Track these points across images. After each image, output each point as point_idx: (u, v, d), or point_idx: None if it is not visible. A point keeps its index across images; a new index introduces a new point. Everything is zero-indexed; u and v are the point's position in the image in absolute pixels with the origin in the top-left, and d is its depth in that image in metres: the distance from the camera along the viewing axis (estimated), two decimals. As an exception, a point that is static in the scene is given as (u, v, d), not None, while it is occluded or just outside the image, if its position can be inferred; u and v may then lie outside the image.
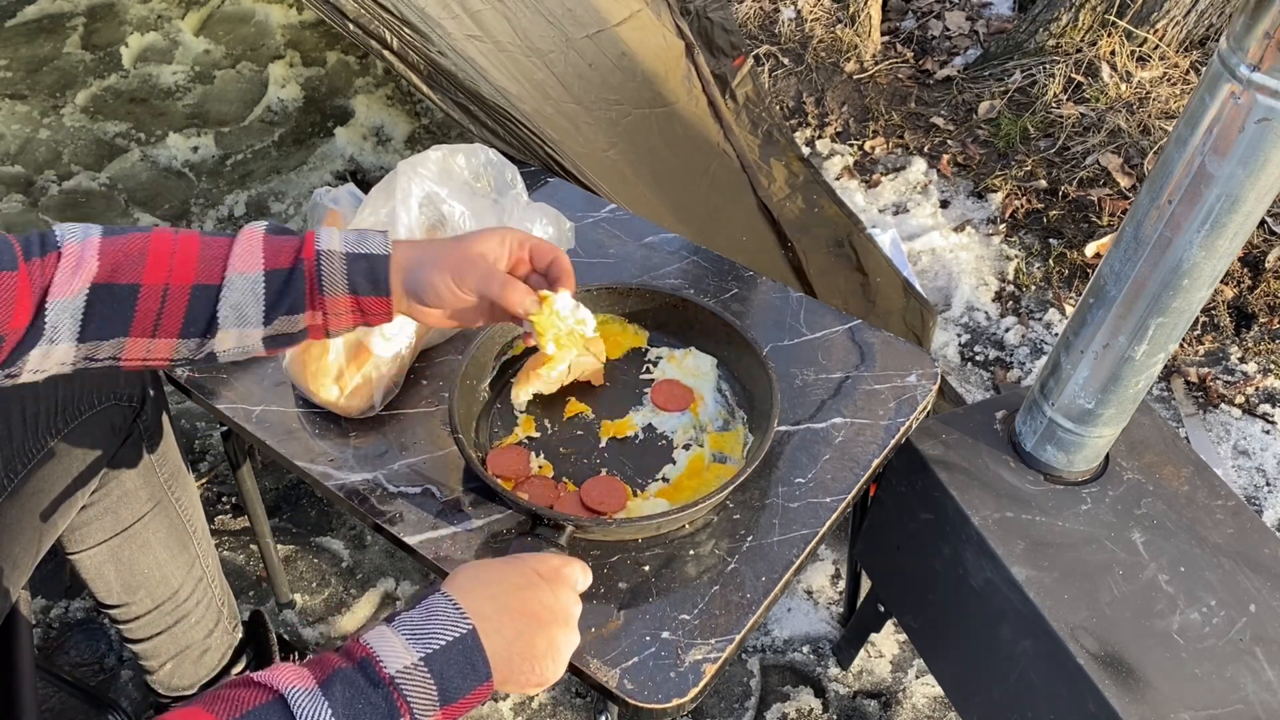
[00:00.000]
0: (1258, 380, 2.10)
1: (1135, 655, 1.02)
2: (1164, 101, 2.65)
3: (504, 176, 1.26)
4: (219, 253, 0.87)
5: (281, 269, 0.88)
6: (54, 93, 2.87)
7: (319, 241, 0.89)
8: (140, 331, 0.86)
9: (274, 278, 0.88)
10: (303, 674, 0.66)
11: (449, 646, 0.70)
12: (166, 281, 0.85)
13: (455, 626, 0.71)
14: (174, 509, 1.25)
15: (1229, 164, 0.86)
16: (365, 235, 0.91)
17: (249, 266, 0.87)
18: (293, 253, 0.88)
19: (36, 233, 0.85)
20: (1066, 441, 1.14)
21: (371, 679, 0.66)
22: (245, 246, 0.88)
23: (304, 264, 0.88)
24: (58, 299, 0.83)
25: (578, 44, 1.78)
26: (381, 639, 0.69)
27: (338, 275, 0.89)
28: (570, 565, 0.83)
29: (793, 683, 1.61)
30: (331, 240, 0.90)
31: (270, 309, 0.88)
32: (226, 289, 0.87)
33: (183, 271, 0.86)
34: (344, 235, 0.91)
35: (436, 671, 0.68)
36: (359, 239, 0.91)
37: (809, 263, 1.91)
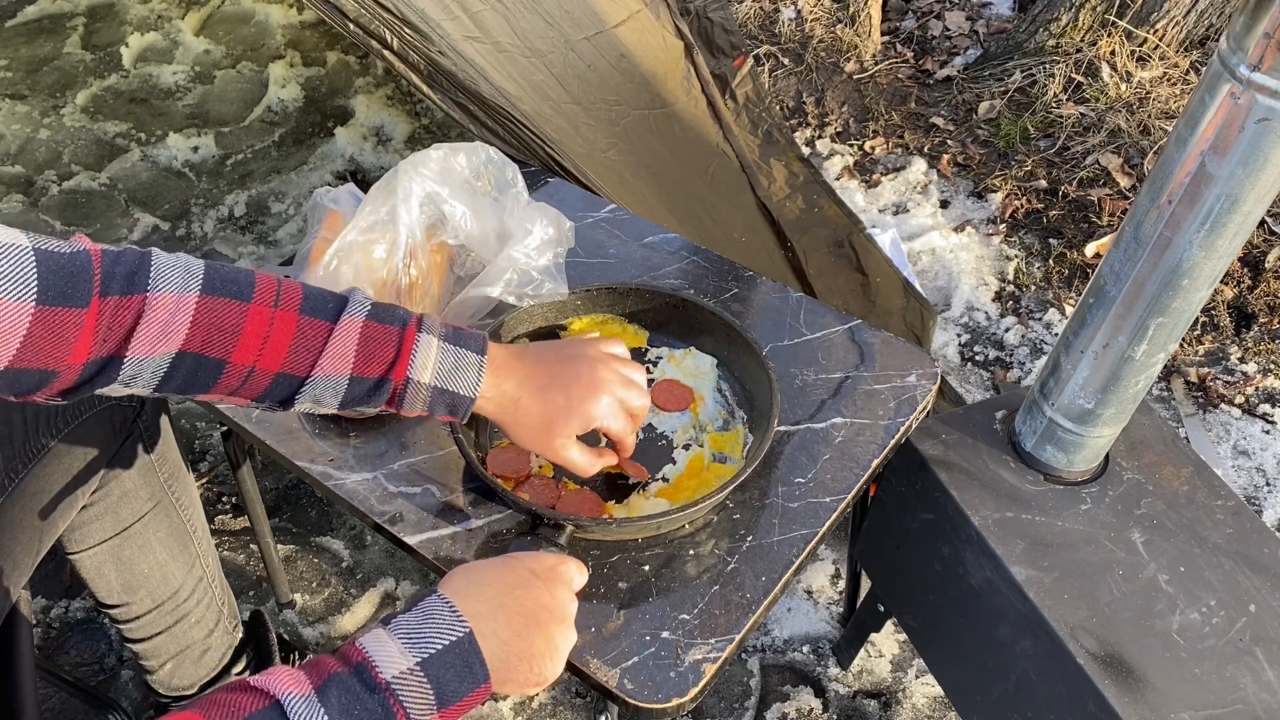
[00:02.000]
0: (1258, 380, 2.10)
1: (1135, 655, 1.02)
2: (1164, 101, 2.65)
3: (505, 175, 1.26)
4: (313, 344, 0.84)
5: (368, 378, 0.86)
6: (54, 93, 2.87)
7: (412, 365, 0.86)
8: (218, 393, 0.85)
9: (358, 384, 0.86)
10: (299, 679, 0.66)
11: (445, 650, 0.70)
12: (254, 364, 0.83)
13: (451, 630, 0.71)
14: (174, 509, 1.25)
15: (1229, 164, 0.86)
16: (461, 363, 0.88)
17: (337, 370, 0.85)
18: (384, 365, 0.86)
19: (129, 258, 0.78)
20: (1066, 441, 1.14)
21: (367, 684, 0.66)
22: (339, 346, 0.85)
23: (390, 383, 0.87)
24: (139, 356, 0.78)
25: (576, 45, 1.78)
26: (377, 643, 0.69)
27: (419, 402, 0.89)
28: (566, 563, 0.83)
29: (793, 683, 1.61)
30: (425, 364, 0.87)
31: (346, 403, 0.88)
32: (309, 385, 0.85)
33: (272, 357, 0.83)
34: (440, 356, 0.88)
35: (433, 676, 0.68)
36: (454, 368, 0.88)
37: (809, 263, 1.91)
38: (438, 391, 0.88)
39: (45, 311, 0.72)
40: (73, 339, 0.74)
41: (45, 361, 0.74)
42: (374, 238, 1.14)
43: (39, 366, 0.74)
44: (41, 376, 0.75)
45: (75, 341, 0.75)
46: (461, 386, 0.89)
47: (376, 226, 1.15)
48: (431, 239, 1.18)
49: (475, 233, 1.19)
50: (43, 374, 0.75)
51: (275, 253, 2.39)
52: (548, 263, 1.21)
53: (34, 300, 0.72)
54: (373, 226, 1.14)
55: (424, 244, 1.16)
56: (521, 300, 1.18)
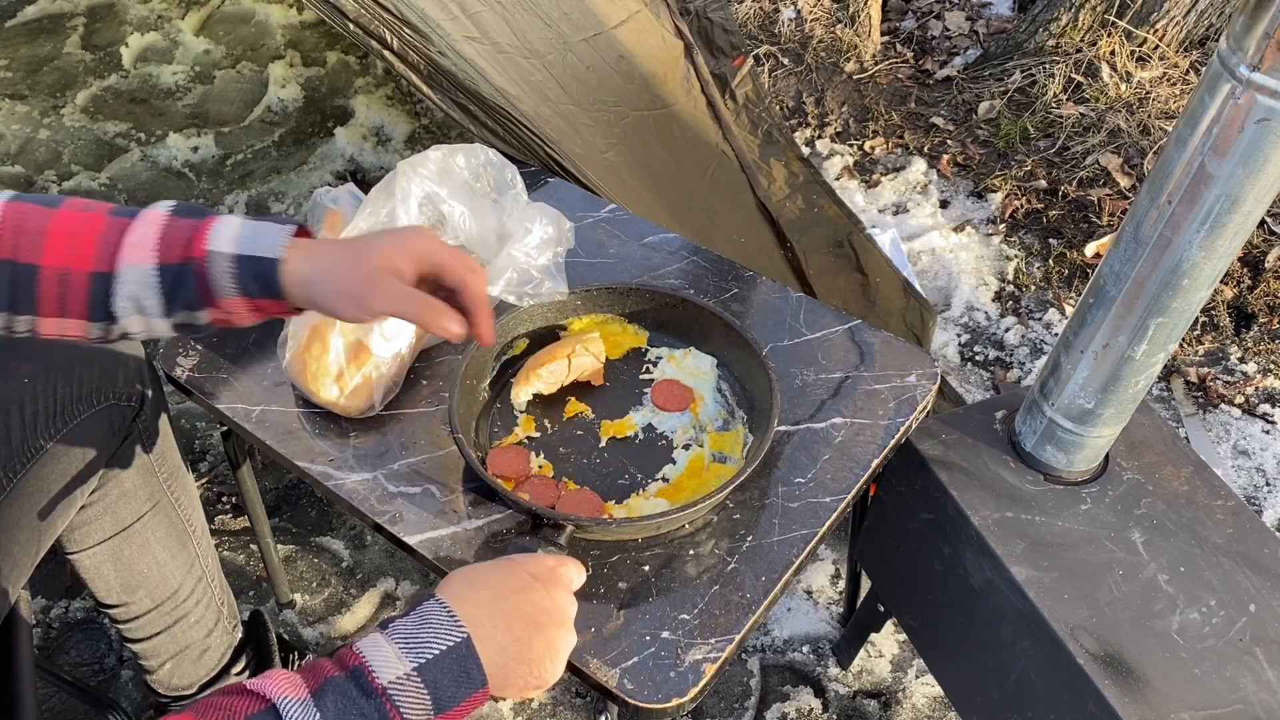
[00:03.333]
0: (1257, 380, 2.10)
1: (1135, 655, 1.02)
2: (1164, 101, 2.65)
3: (504, 176, 1.26)
4: (115, 238, 0.83)
5: (172, 264, 0.83)
6: (54, 93, 2.87)
7: (210, 239, 0.84)
8: (48, 312, 0.84)
9: (166, 273, 0.83)
10: (295, 683, 0.66)
11: (443, 655, 0.69)
12: (65, 265, 0.82)
13: (449, 635, 0.70)
14: (173, 508, 1.25)
15: (1229, 164, 0.86)
16: (262, 230, 0.85)
17: (140, 258, 0.83)
18: (183, 246, 0.83)
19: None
20: (1066, 441, 1.14)
21: (364, 689, 0.66)
22: (140, 234, 0.83)
23: (193, 263, 0.83)
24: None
25: (575, 47, 1.78)
26: (374, 648, 0.69)
27: (225, 278, 0.84)
28: (565, 565, 0.82)
29: (793, 683, 1.61)
30: (224, 237, 0.84)
31: (168, 303, 0.84)
32: (119, 280, 0.83)
33: (80, 256, 0.82)
34: (242, 229, 0.85)
35: (430, 681, 0.68)
36: (255, 235, 0.84)
37: (809, 263, 1.91)
38: (240, 260, 0.83)
39: None
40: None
41: None
42: (374, 238, 1.14)
43: None
44: None
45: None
46: (263, 248, 0.84)
47: (376, 228, 1.15)
48: (431, 239, 1.18)
49: (475, 233, 1.19)
50: None
51: (275, 253, 2.39)
52: (547, 262, 1.21)
53: None
54: (372, 228, 1.15)
55: (424, 244, 1.16)
56: (521, 300, 1.18)
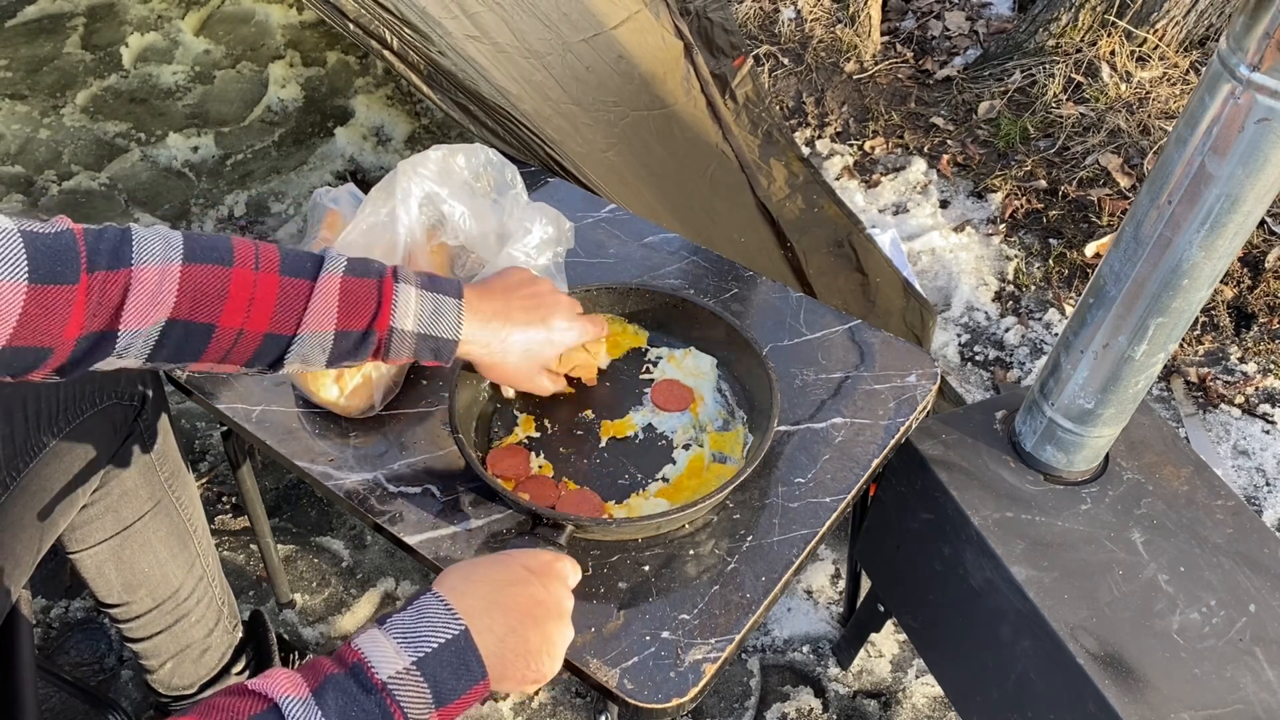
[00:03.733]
0: (1258, 380, 2.10)
1: (1135, 655, 1.02)
2: (1164, 101, 2.65)
3: (504, 176, 1.26)
4: (296, 303, 0.87)
5: (353, 331, 0.89)
6: (54, 93, 2.87)
7: (394, 315, 0.91)
8: (209, 359, 0.87)
9: (344, 338, 0.89)
10: (296, 682, 0.66)
11: (441, 649, 0.70)
12: (242, 326, 0.86)
13: (447, 628, 0.71)
14: (174, 508, 1.26)
15: (1229, 164, 0.86)
16: (441, 307, 0.93)
17: (322, 325, 0.88)
18: (367, 317, 0.89)
19: (111, 235, 0.81)
20: (1066, 441, 1.14)
21: (364, 685, 0.66)
22: (322, 302, 0.88)
23: (375, 334, 0.90)
24: (131, 329, 0.81)
25: (575, 47, 1.78)
26: (373, 643, 0.69)
27: (405, 349, 0.93)
28: (561, 560, 0.84)
29: (793, 683, 1.61)
30: (407, 313, 0.91)
31: (334, 358, 0.91)
32: (297, 343, 0.88)
33: (259, 319, 0.86)
34: (422, 305, 0.92)
35: (430, 675, 0.68)
36: (435, 313, 0.93)
37: (809, 263, 1.91)
38: (421, 337, 0.92)
39: (37, 290, 0.75)
40: (65, 315, 0.77)
41: (40, 339, 0.76)
42: (373, 239, 1.14)
43: (34, 345, 0.77)
44: (37, 355, 0.78)
45: (68, 318, 0.77)
46: (444, 330, 0.93)
47: (376, 228, 1.15)
48: (431, 240, 1.18)
49: (475, 233, 1.19)
50: (38, 352, 0.77)
51: (275, 253, 2.39)
52: (547, 262, 1.21)
53: (25, 279, 0.74)
54: (372, 228, 1.14)
55: (423, 245, 1.16)
56: (521, 300, 1.18)
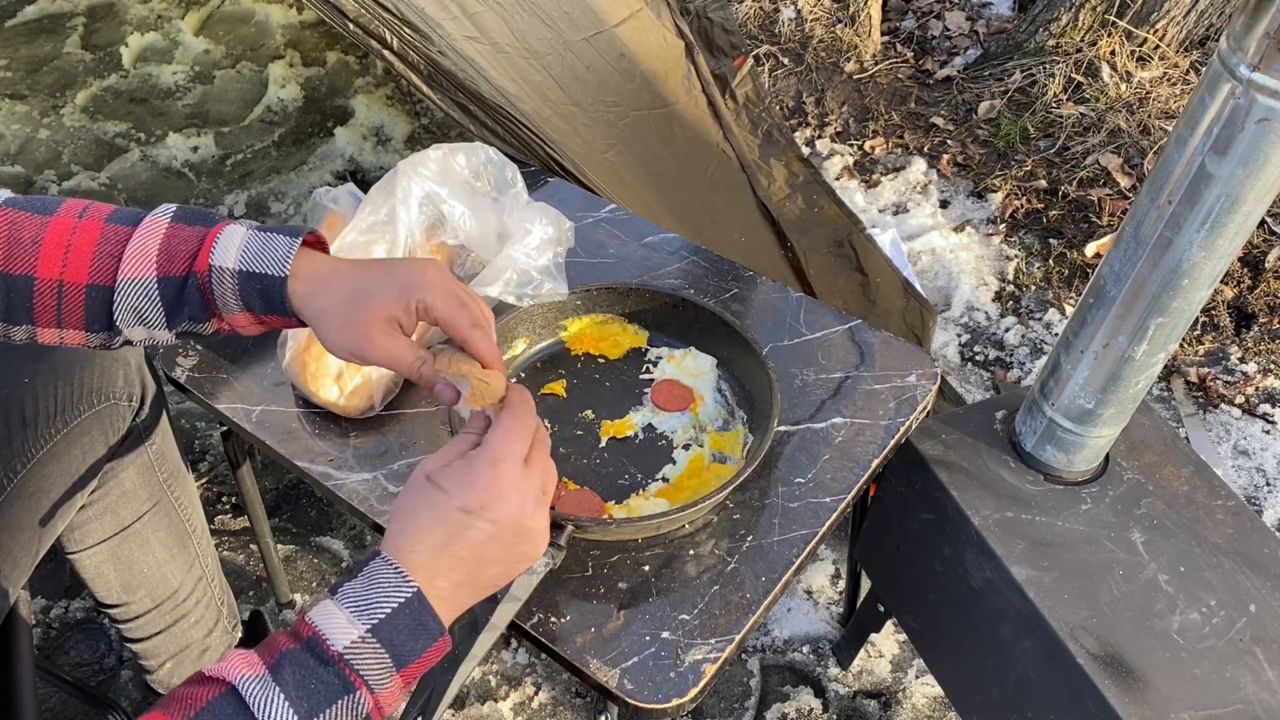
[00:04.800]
0: (1258, 380, 2.10)
1: (1135, 655, 1.02)
2: (1164, 101, 2.65)
3: (504, 175, 1.26)
4: (115, 249, 0.80)
5: (175, 276, 0.80)
6: (54, 93, 2.87)
7: (215, 252, 0.80)
8: (45, 323, 0.81)
9: (167, 285, 0.80)
10: (251, 660, 0.65)
11: (395, 613, 0.68)
12: (60, 277, 0.79)
13: (399, 591, 0.69)
14: (173, 508, 1.25)
15: (1229, 164, 0.86)
16: (269, 244, 0.81)
17: (140, 271, 0.79)
18: (187, 259, 0.80)
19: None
20: (1066, 441, 1.14)
21: (320, 658, 0.65)
22: (139, 245, 0.80)
23: (196, 277, 0.80)
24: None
25: (575, 46, 1.78)
26: (325, 615, 0.68)
27: (230, 295, 0.81)
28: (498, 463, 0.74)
29: (793, 683, 1.61)
30: (228, 250, 0.80)
31: (171, 316, 0.82)
32: (119, 293, 0.80)
33: (77, 268, 0.79)
34: (247, 242, 0.81)
35: (386, 640, 0.67)
36: (261, 249, 0.81)
37: (809, 263, 1.91)
38: (244, 276, 0.80)
39: None
40: None
41: None
42: (373, 238, 1.14)
43: None
44: None
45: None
46: (269, 265, 0.80)
47: (376, 227, 1.15)
48: (431, 239, 1.18)
49: (475, 233, 1.19)
50: None
51: (275, 253, 2.39)
52: (547, 262, 1.21)
53: None
54: (372, 227, 1.14)
55: (423, 244, 1.16)
56: (521, 300, 1.18)
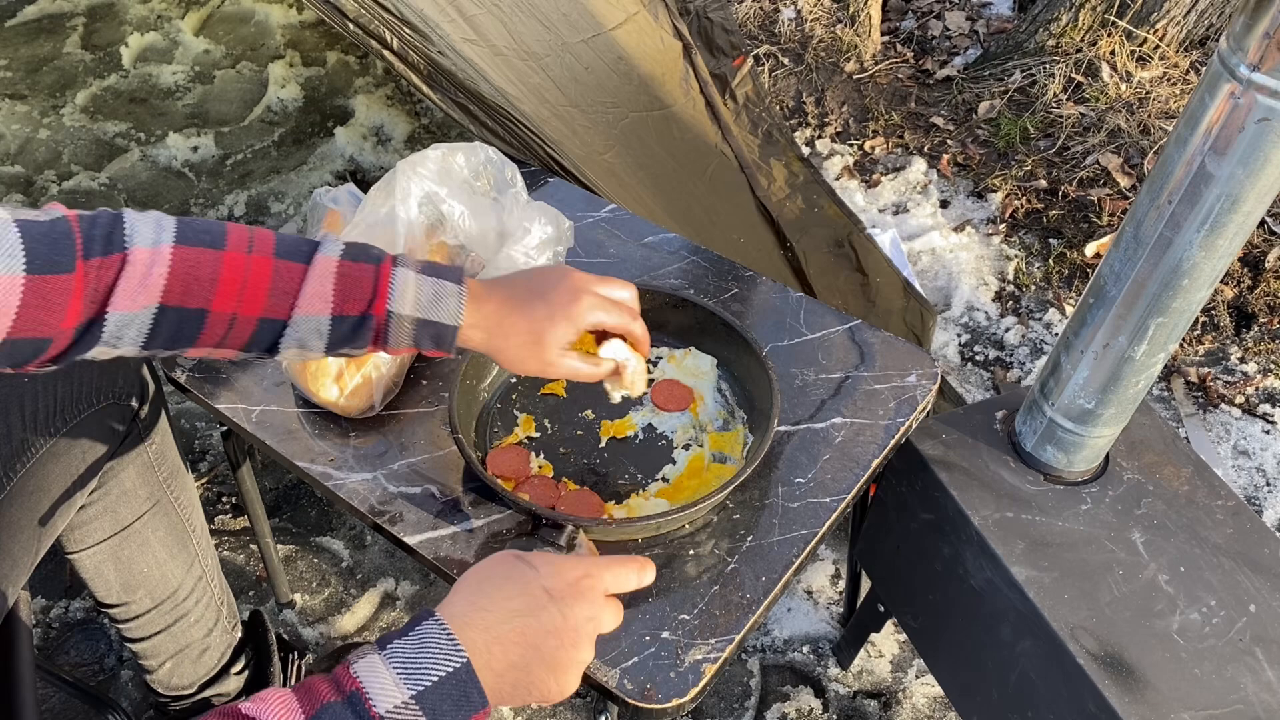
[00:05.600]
0: (1258, 380, 2.10)
1: (1135, 655, 1.02)
2: (1164, 101, 2.65)
3: (504, 175, 1.26)
4: (290, 287, 0.84)
5: (349, 316, 0.86)
6: (54, 93, 2.87)
7: (391, 297, 0.86)
8: (205, 344, 0.85)
9: (340, 323, 0.86)
10: (291, 705, 0.64)
11: (442, 681, 0.67)
12: (235, 311, 0.83)
13: (449, 660, 0.68)
14: (173, 508, 1.25)
15: (1229, 164, 0.86)
16: (441, 290, 0.88)
17: (317, 309, 0.85)
18: (364, 302, 0.86)
19: (104, 219, 0.79)
20: (1066, 441, 1.14)
21: (361, 716, 0.64)
22: (317, 286, 0.85)
23: (372, 319, 0.87)
24: (120, 311, 0.79)
25: (573, 48, 1.78)
26: (372, 672, 0.67)
27: (404, 335, 0.88)
28: (591, 577, 0.75)
29: (793, 683, 1.61)
30: (404, 297, 0.87)
31: (333, 345, 0.88)
32: (292, 327, 0.85)
33: (251, 303, 0.84)
34: (420, 290, 0.87)
35: (429, 708, 0.66)
36: (434, 296, 0.88)
37: (809, 263, 1.91)
38: (421, 323, 0.88)
39: (35, 281, 0.74)
40: (63, 305, 0.76)
41: (40, 330, 0.76)
42: (373, 238, 1.14)
43: (34, 336, 0.76)
44: (37, 345, 0.77)
45: (66, 307, 0.76)
46: (444, 315, 0.88)
47: (376, 227, 1.15)
48: (431, 239, 1.18)
49: (474, 232, 1.19)
50: (38, 343, 0.77)
51: (275, 253, 2.39)
52: (547, 261, 1.21)
53: (23, 271, 0.73)
54: (372, 227, 1.14)
55: (423, 244, 1.16)
56: (521, 300, 1.18)
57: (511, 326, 0.91)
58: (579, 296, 0.92)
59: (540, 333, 0.91)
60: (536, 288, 0.93)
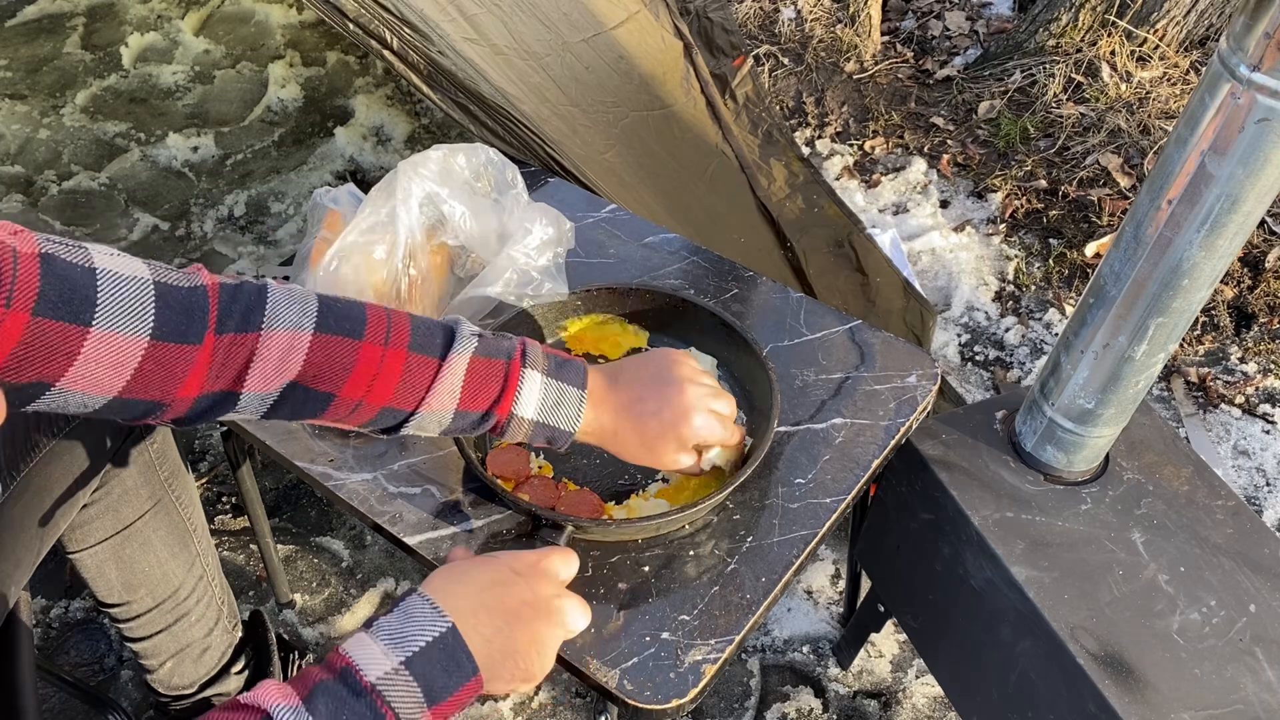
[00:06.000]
0: (1258, 380, 2.10)
1: (1135, 655, 1.02)
2: (1164, 101, 2.65)
3: (504, 176, 1.26)
4: (421, 382, 0.86)
5: (473, 412, 0.89)
6: (54, 93, 2.87)
7: (517, 401, 0.89)
8: (326, 419, 0.87)
9: (463, 417, 0.89)
10: (286, 692, 0.66)
11: (429, 647, 0.70)
12: (362, 399, 0.84)
13: (434, 626, 0.71)
14: (174, 507, 1.26)
15: (1229, 164, 0.86)
16: (564, 396, 0.91)
17: (443, 405, 0.87)
18: (489, 401, 0.88)
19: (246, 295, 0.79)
20: (1066, 441, 1.14)
21: (353, 689, 0.66)
22: (447, 384, 0.86)
23: (494, 417, 0.89)
24: (254, 392, 0.80)
25: (574, 48, 1.78)
26: (360, 647, 0.69)
27: (521, 433, 0.91)
28: (547, 558, 0.82)
29: (793, 683, 1.61)
30: (529, 400, 0.89)
31: (450, 431, 0.90)
32: (415, 418, 0.87)
33: (380, 393, 0.85)
34: (544, 392, 0.90)
35: (419, 673, 0.68)
36: (557, 402, 0.91)
37: (809, 263, 1.91)
38: (539, 426, 0.91)
39: (158, 347, 0.73)
40: (184, 375, 0.75)
41: (154, 394, 0.75)
42: (374, 239, 1.14)
43: (147, 399, 0.75)
44: (149, 407, 0.76)
45: (186, 377, 0.76)
46: (562, 421, 0.92)
47: (376, 228, 1.15)
48: (431, 240, 1.18)
49: (475, 233, 1.19)
50: (150, 405, 0.76)
51: (275, 253, 2.39)
52: (547, 263, 1.21)
53: (149, 335, 0.73)
54: (372, 228, 1.14)
55: (424, 245, 1.16)
56: (521, 300, 1.18)
57: (625, 439, 0.95)
58: (690, 415, 0.95)
59: (652, 447, 0.96)
60: (651, 401, 0.95)
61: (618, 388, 0.95)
